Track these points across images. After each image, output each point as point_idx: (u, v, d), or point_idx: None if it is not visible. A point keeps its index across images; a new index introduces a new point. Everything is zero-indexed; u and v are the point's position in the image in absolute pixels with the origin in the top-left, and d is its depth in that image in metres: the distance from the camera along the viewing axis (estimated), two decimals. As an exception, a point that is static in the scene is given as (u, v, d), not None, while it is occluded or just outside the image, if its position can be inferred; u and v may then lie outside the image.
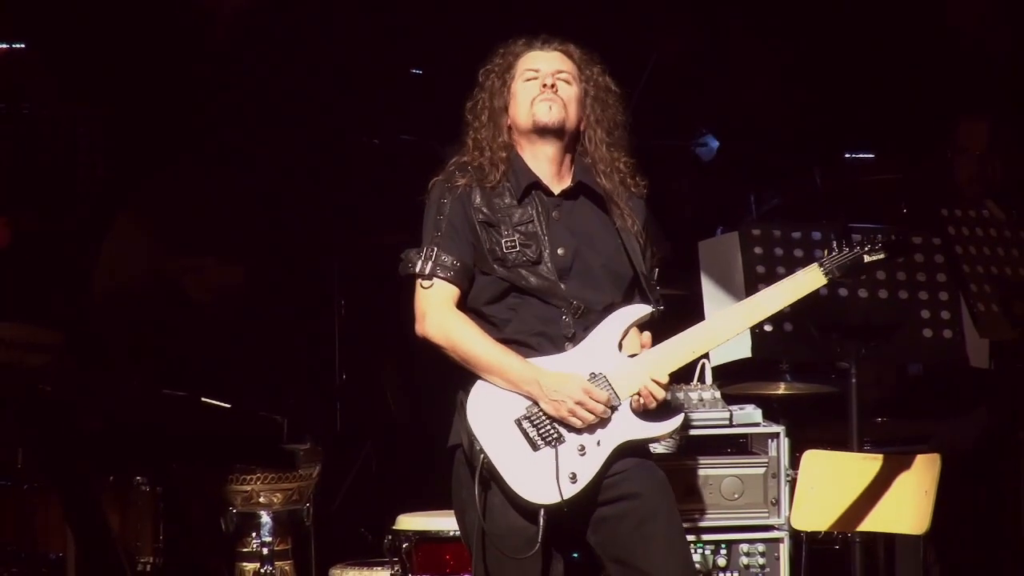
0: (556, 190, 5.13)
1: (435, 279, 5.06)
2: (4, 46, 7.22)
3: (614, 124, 5.19)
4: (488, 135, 5.14)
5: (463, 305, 5.10)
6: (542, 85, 5.11)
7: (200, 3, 7.57)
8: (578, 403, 4.96)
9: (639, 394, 5.01)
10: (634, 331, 5.13)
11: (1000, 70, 7.92)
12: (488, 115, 5.15)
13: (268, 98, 7.74)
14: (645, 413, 5.05)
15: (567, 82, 5.15)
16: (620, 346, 5.09)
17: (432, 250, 5.06)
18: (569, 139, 5.15)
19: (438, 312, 5.05)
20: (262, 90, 7.62)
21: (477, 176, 5.09)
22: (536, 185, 5.11)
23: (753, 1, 8.08)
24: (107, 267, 7.28)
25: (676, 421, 5.11)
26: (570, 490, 4.96)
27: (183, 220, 7.36)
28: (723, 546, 6.12)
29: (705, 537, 6.11)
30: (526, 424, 4.99)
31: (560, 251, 5.07)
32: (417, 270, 5.07)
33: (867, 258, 5.12)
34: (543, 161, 5.13)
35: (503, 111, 5.15)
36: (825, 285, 5.12)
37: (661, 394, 5.02)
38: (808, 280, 5.10)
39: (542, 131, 5.12)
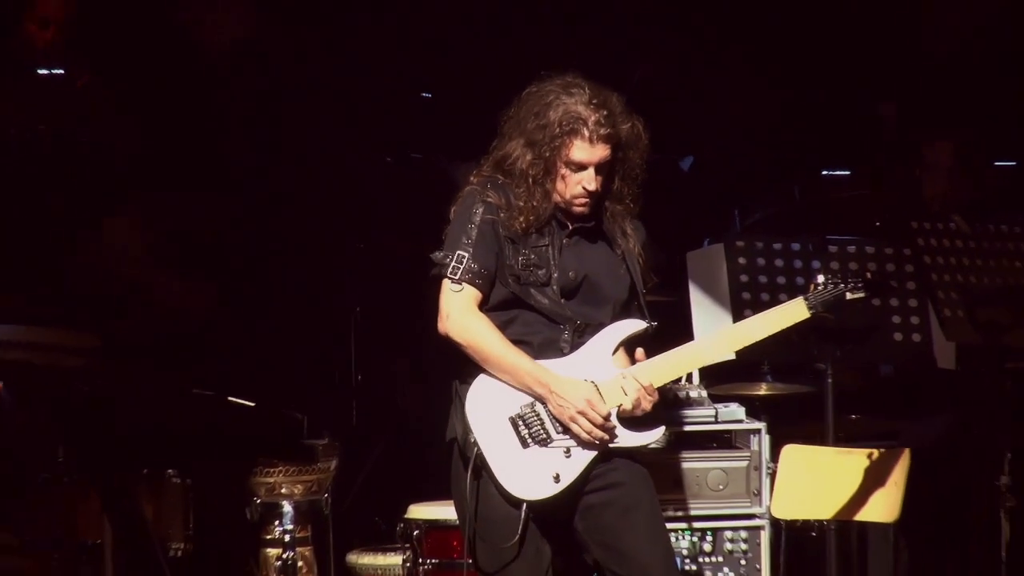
0: (572, 223, 5.11)
1: (464, 283, 5.02)
2: (44, 72, 7.22)
3: (633, 164, 5.13)
4: (539, 200, 5.04)
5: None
6: (584, 188, 5.04)
7: (194, 32, 7.49)
8: (580, 412, 4.96)
9: (628, 403, 5.01)
10: (624, 348, 5.13)
11: (969, 92, 7.86)
12: (534, 180, 5.04)
13: (287, 118, 7.69)
14: (629, 422, 5.03)
15: (606, 165, 5.06)
16: (613, 358, 5.08)
17: (463, 256, 5.01)
18: None
19: (461, 314, 5.02)
20: (280, 110, 7.61)
21: (511, 207, 5.05)
22: (553, 217, 5.10)
23: (734, 28, 8.05)
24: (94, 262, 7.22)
25: (657, 432, 5.08)
26: (553, 489, 4.97)
27: (177, 238, 7.33)
28: (709, 533, 6.19)
29: (692, 525, 6.17)
30: (519, 422, 5.00)
31: (571, 274, 5.06)
32: (448, 273, 5.03)
33: (849, 295, 5.14)
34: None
35: (550, 175, 5.05)
36: (808, 319, 5.14)
37: (648, 405, 5.03)
38: (793, 312, 5.13)
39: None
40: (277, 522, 6.79)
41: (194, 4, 7.64)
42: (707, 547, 6.18)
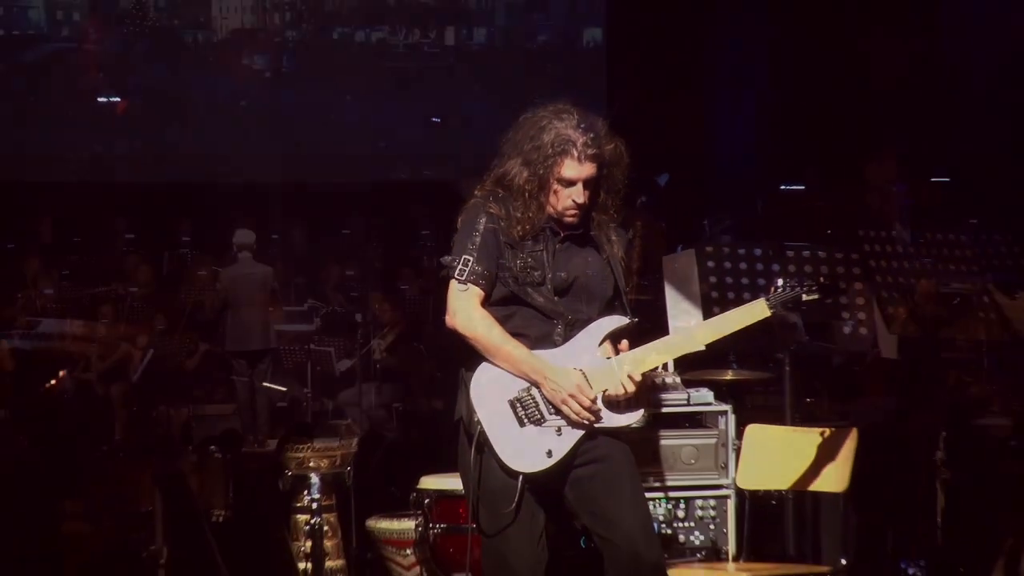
0: (563, 231, 5.28)
1: (469, 284, 5.18)
2: (103, 99, 7.53)
3: (616, 179, 5.27)
4: (532, 212, 5.19)
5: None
6: (574, 201, 5.20)
7: None
8: (570, 396, 5.13)
9: (613, 388, 5.14)
10: (610, 340, 5.26)
11: (909, 117, 8.07)
12: (530, 194, 5.20)
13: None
14: (613, 405, 5.19)
15: (593, 181, 5.20)
16: (599, 349, 5.24)
17: (469, 260, 5.17)
18: None
19: (467, 311, 5.19)
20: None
21: (510, 217, 5.21)
22: (547, 226, 5.27)
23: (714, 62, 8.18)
24: None
25: (637, 414, 5.23)
26: (546, 463, 5.16)
27: None
28: (682, 502, 6.40)
29: (668, 494, 6.39)
30: (517, 404, 5.17)
31: (563, 274, 5.21)
32: (455, 274, 5.19)
33: (804, 297, 5.21)
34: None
35: (544, 190, 5.20)
36: (768, 317, 5.23)
37: (631, 389, 5.17)
38: (756, 311, 5.22)
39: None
40: (306, 492, 7.02)
41: None
42: (681, 513, 6.37)
